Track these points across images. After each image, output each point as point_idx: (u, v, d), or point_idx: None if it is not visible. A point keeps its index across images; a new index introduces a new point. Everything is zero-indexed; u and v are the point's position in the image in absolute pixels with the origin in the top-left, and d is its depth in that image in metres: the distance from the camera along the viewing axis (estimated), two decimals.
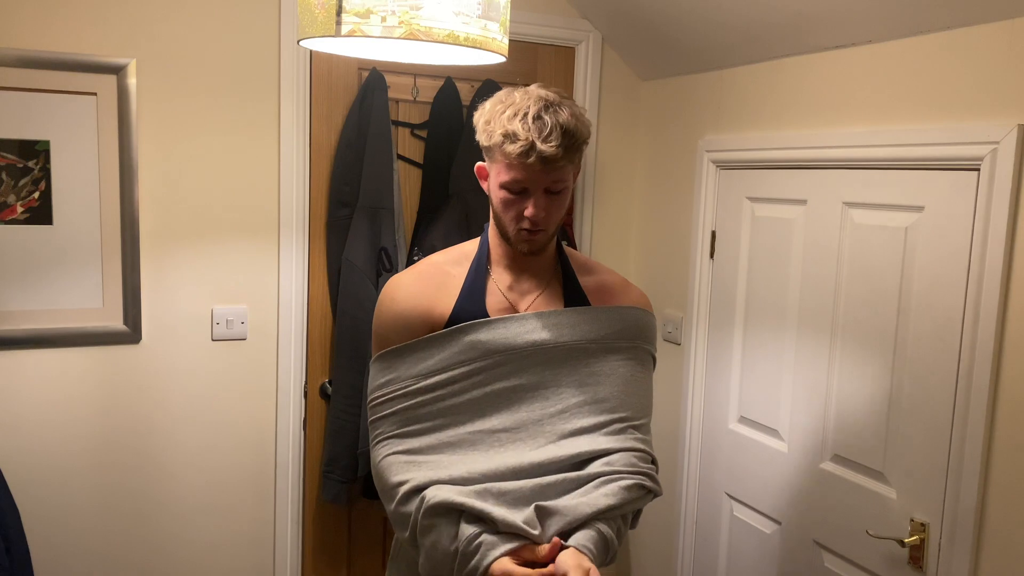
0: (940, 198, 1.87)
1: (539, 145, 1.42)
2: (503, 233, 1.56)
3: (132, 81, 2.32)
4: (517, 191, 1.48)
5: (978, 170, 1.77)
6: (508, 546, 1.39)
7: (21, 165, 2.24)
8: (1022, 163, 1.69)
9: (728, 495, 2.57)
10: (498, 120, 1.46)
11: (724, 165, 2.54)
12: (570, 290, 1.62)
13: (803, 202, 2.24)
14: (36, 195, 2.27)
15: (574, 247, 2.75)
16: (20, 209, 2.26)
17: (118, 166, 2.33)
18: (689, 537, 2.74)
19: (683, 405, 2.73)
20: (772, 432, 2.37)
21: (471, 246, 1.65)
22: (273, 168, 2.51)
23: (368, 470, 2.56)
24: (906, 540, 1.93)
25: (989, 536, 1.78)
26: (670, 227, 2.83)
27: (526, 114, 1.44)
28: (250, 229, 2.51)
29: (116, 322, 2.39)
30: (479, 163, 1.57)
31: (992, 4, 1.71)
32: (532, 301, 1.59)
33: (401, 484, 1.48)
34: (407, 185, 2.68)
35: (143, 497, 2.49)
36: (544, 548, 1.40)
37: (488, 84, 2.65)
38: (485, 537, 1.39)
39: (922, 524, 1.91)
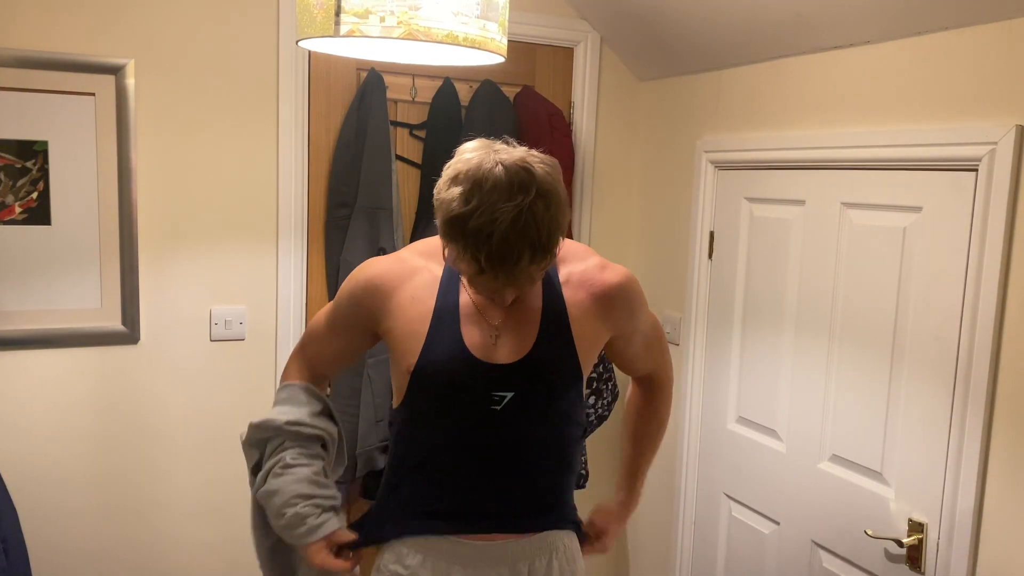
0: (938, 198, 1.87)
1: (503, 288, 1.36)
2: None
3: (130, 81, 2.32)
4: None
5: (976, 170, 1.77)
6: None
7: (19, 165, 2.24)
8: (1020, 163, 1.70)
9: (727, 495, 2.57)
10: (461, 231, 1.29)
11: (722, 165, 2.54)
12: (549, 291, 1.52)
13: (801, 202, 2.24)
14: (34, 195, 2.26)
15: None
16: (18, 209, 2.25)
17: (116, 166, 2.33)
18: (688, 537, 2.74)
19: (682, 405, 2.73)
20: (770, 432, 2.37)
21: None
22: (271, 168, 2.51)
23: (367, 470, 2.56)
24: (904, 540, 1.93)
25: (987, 536, 1.78)
26: (668, 228, 2.83)
27: (490, 235, 1.26)
28: (248, 229, 2.51)
29: (114, 322, 2.38)
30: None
31: (991, 4, 1.71)
32: (505, 313, 1.50)
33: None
34: (406, 185, 2.68)
35: (141, 497, 2.48)
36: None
37: (487, 84, 2.65)
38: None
39: (920, 524, 1.91)
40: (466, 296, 1.50)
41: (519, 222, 1.26)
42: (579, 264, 1.55)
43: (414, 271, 1.54)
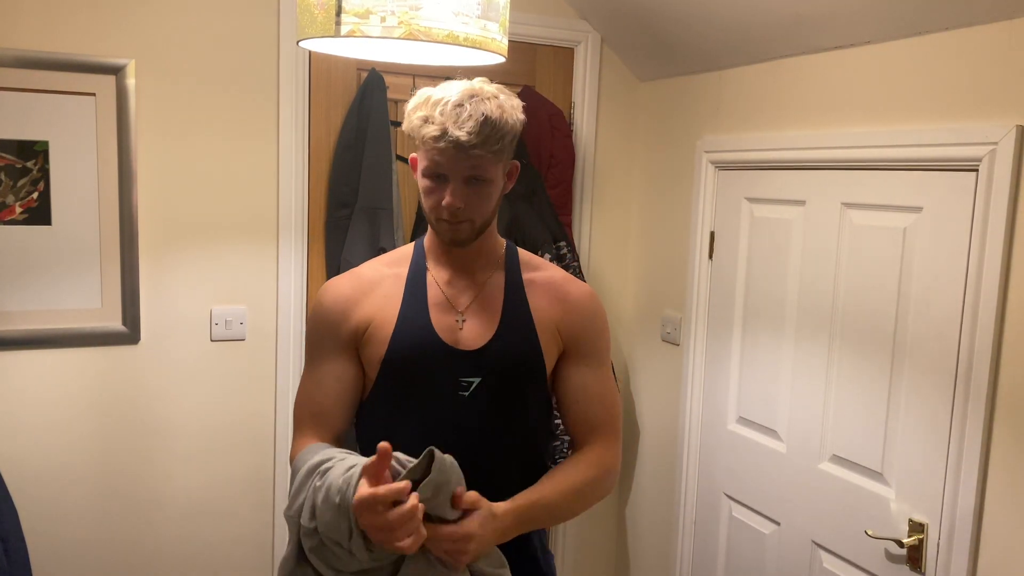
0: (939, 199, 1.87)
1: (452, 130, 1.40)
2: (430, 222, 1.54)
3: (131, 81, 2.32)
4: (436, 177, 1.46)
5: (977, 171, 1.77)
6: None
7: (20, 165, 2.24)
8: (1020, 164, 1.70)
9: (727, 495, 2.57)
10: (422, 107, 1.45)
11: (723, 166, 2.54)
12: (512, 285, 1.58)
13: (802, 203, 2.24)
14: (35, 195, 2.26)
15: (573, 248, 2.75)
16: (19, 209, 2.25)
17: (117, 166, 2.33)
18: (688, 537, 2.74)
19: (682, 405, 2.73)
20: (771, 432, 2.37)
21: (409, 248, 1.64)
22: (272, 168, 2.51)
23: None
24: (904, 540, 1.93)
25: (987, 537, 1.78)
26: (669, 228, 2.83)
27: (447, 101, 1.42)
28: (249, 229, 2.51)
29: (115, 322, 2.38)
30: (412, 154, 1.55)
31: (991, 4, 1.71)
32: (472, 299, 1.56)
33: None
34: (406, 185, 2.68)
35: (142, 498, 2.48)
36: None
37: None
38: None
39: (920, 524, 1.91)
40: (435, 288, 1.56)
41: (475, 97, 1.43)
42: (544, 272, 1.63)
43: (379, 279, 1.58)
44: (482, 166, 1.44)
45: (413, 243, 1.65)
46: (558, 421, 2.56)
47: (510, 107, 1.46)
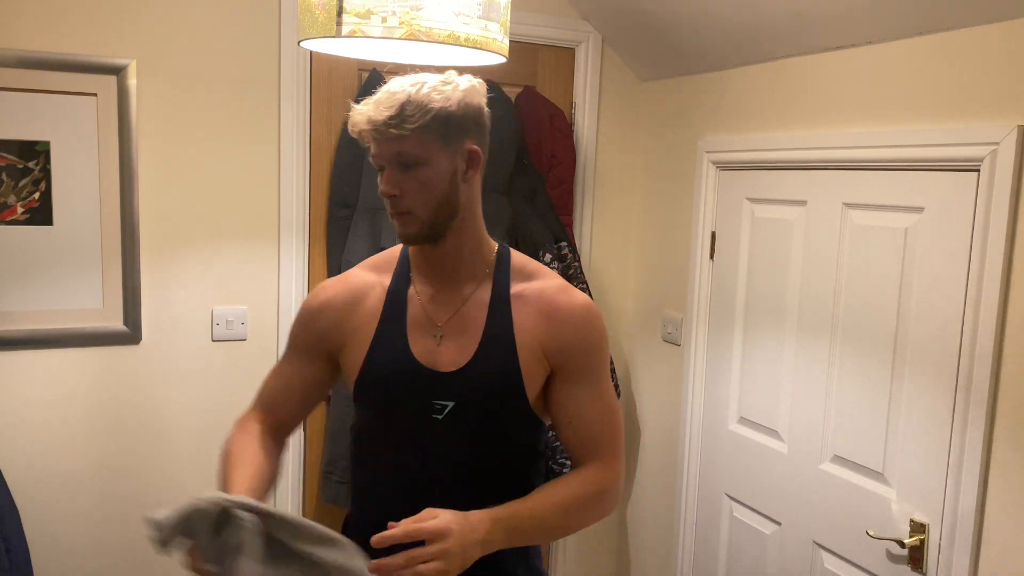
0: (940, 199, 1.87)
1: (368, 112, 1.37)
2: None
3: (132, 82, 2.32)
4: (380, 169, 1.41)
5: (978, 171, 1.77)
6: None
7: (21, 166, 2.24)
8: (1022, 164, 1.69)
9: (728, 496, 2.57)
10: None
11: (724, 166, 2.54)
12: (497, 300, 1.48)
13: (803, 203, 2.24)
14: (36, 196, 2.27)
15: (574, 248, 2.75)
16: (20, 210, 2.26)
17: (118, 167, 2.34)
18: (689, 538, 2.74)
19: (683, 406, 2.73)
20: (772, 433, 2.37)
21: (396, 252, 1.57)
22: (273, 168, 2.51)
23: None
24: (906, 541, 1.93)
25: (989, 537, 1.78)
26: (670, 228, 2.83)
27: (382, 90, 1.39)
28: (250, 229, 2.51)
29: (116, 322, 2.39)
30: None
31: (992, 4, 1.71)
32: (452, 314, 1.48)
33: None
34: None
35: (142, 498, 2.48)
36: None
37: (488, 85, 2.65)
38: None
39: (922, 525, 1.91)
40: (415, 304, 1.49)
41: (416, 84, 1.40)
42: (536, 281, 1.50)
43: (367, 289, 1.52)
44: (406, 149, 1.36)
45: (401, 247, 1.55)
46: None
47: (451, 88, 1.41)
